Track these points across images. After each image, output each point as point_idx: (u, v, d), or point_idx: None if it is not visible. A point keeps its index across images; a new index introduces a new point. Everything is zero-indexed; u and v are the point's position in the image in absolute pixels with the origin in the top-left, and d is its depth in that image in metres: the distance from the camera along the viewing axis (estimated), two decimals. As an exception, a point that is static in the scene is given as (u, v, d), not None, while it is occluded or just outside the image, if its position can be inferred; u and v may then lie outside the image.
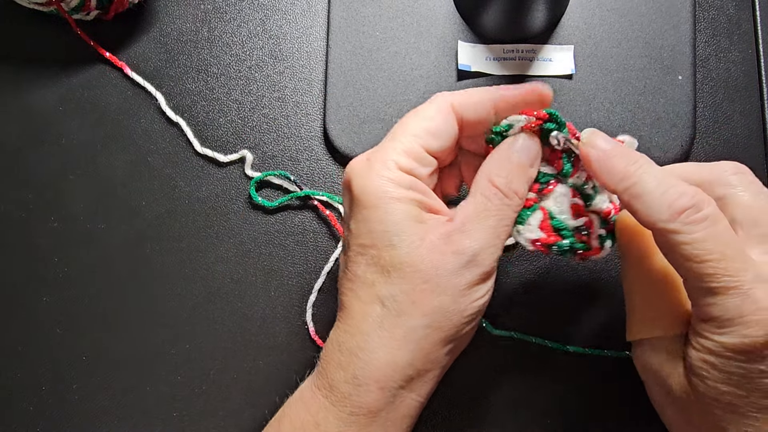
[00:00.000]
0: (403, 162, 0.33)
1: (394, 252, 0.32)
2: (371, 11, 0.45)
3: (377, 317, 0.32)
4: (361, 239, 0.33)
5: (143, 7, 0.46)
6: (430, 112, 0.34)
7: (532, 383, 0.42)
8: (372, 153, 0.34)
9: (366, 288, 0.32)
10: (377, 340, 0.32)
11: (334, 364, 0.33)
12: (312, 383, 0.34)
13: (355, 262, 0.33)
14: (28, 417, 0.42)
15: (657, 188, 0.31)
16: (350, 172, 0.33)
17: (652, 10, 0.45)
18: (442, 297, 0.32)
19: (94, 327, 0.43)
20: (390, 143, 0.33)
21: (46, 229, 0.44)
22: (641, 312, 0.34)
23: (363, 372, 0.32)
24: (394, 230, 0.32)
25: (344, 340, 0.33)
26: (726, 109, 0.45)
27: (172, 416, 0.42)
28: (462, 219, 0.33)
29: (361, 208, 0.33)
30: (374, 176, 0.32)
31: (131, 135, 0.45)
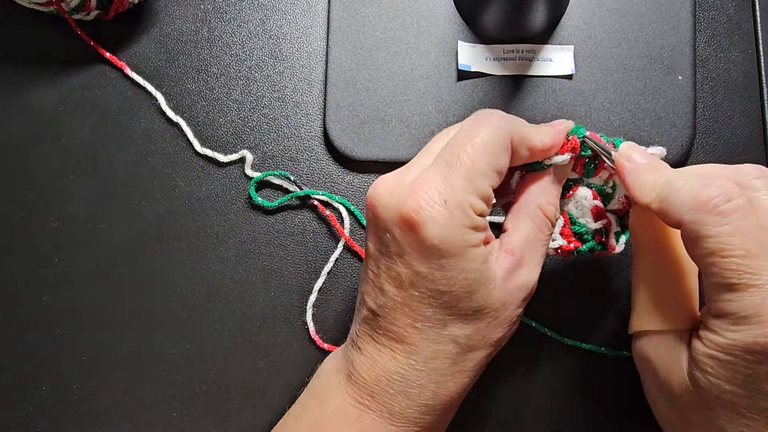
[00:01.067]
0: (478, 206, 0.32)
1: (472, 298, 0.33)
2: (371, 11, 0.45)
3: (451, 355, 0.33)
4: (436, 285, 0.32)
5: (143, 7, 0.46)
6: (495, 146, 0.33)
7: (524, 369, 0.42)
8: (443, 191, 0.32)
9: (438, 329, 0.33)
10: (450, 376, 0.34)
11: (394, 393, 0.33)
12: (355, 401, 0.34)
13: (425, 304, 0.33)
14: (28, 417, 0.42)
15: (684, 185, 0.31)
16: (419, 215, 0.31)
17: (652, 10, 0.45)
18: (505, 329, 0.34)
19: (94, 327, 0.43)
20: (463, 182, 0.32)
21: (46, 229, 0.44)
22: (647, 304, 0.35)
23: (433, 402, 0.34)
24: (474, 277, 0.32)
25: (411, 374, 0.33)
26: (726, 109, 0.45)
27: (172, 416, 0.42)
28: (521, 252, 0.34)
29: (439, 257, 0.32)
30: (455, 225, 0.31)
31: (131, 135, 0.45)
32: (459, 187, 0.32)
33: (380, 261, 0.34)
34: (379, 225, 0.33)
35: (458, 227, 0.32)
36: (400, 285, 0.33)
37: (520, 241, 0.34)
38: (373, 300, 0.34)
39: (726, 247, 0.29)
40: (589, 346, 0.42)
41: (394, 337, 0.33)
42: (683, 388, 0.32)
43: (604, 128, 0.44)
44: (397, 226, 0.32)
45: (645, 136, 0.43)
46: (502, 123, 0.33)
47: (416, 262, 0.32)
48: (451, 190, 0.32)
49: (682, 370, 0.32)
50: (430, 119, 0.44)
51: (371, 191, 0.34)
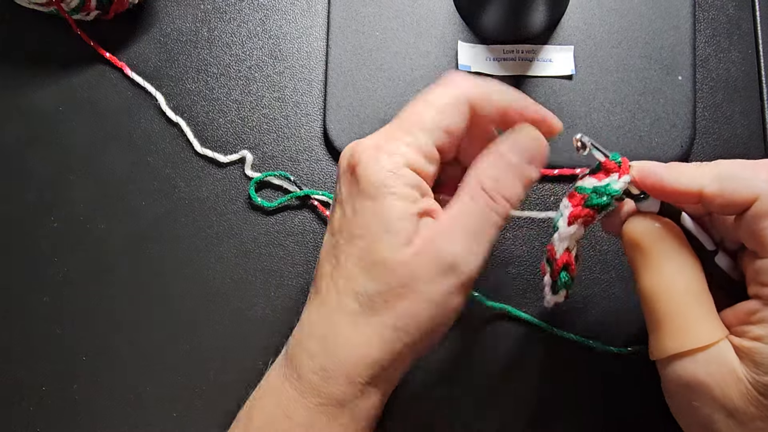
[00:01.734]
0: (412, 159, 0.32)
1: (379, 248, 0.31)
2: (371, 11, 0.45)
3: (351, 312, 0.32)
4: (354, 228, 0.32)
5: (143, 7, 0.46)
6: (446, 104, 0.32)
7: (517, 362, 0.42)
8: (381, 140, 0.32)
9: (345, 279, 0.32)
10: (349, 336, 0.32)
11: (304, 353, 0.32)
12: (281, 372, 0.33)
13: (343, 249, 0.32)
14: (28, 417, 0.42)
15: (742, 165, 0.30)
16: (357, 156, 0.32)
17: (652, 10, 0.45)
18: (415, 304, 0.31)
19: (94, 327, 0.43)
20: (401, 134, 0.32)
21: (46, 229, 0.44)
22: (678, 321, 0.31)
23: (332, 364, 0.32)
24: (386, 227, 0.31)
25: (316, 323, 0.32)
26: (726, 109, 0.45)
27: (172, 416, 0.42)
28: (445, 223, 0.32)
29: (362, 198, 0.32)
30: (381, 168, 0.31)
31: (131, 135, 0.45)
32: (394, 136, 0.32)
33: (331, 213, 0.34)
34: (337, 177, 0.34)
35: (384, 171, 0.31)
36: (333, 231, 0.33)
37: (448, 212, 0.32)
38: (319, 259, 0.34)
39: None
40: (578, 337, 0.41)
41: (316, 288, 0.33)
42: (749, 400, 0.29)
43: (604, 128, 0.44)
44: (343, 172, 0.33)
45: (645, 136, 0.43)
46: (461, 82, 0.33)
47: (347, 204, 0.32)
48: (387, 137, 0.32)
49: (740, 381, 0.29)
50: (430, 119, 0.44)
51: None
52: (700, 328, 0.31)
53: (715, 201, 0.31)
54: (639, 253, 0.33)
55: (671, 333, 0.31)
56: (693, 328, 0.31)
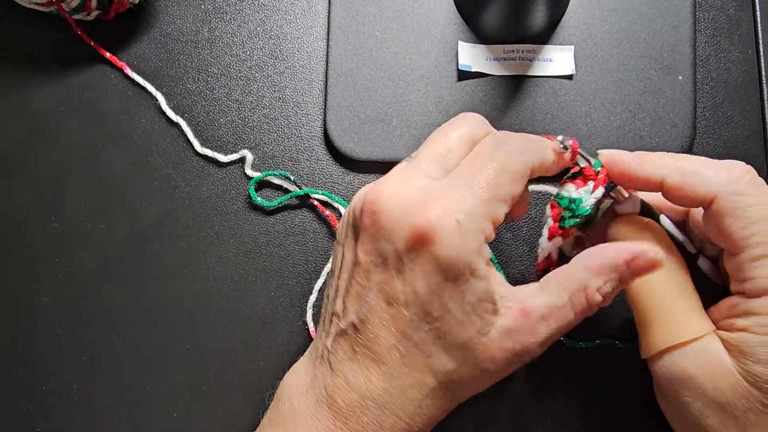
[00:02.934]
0: (489, 231, 0.30)
1: (461, 332, 0.30)
2: (371, 11, 0.45)
3: (428, 388, 0.31)
4: (430, 308, 0.30)
5: (143, 7, 0.46)
6: (518, 175, 0.31)
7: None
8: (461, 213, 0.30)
9: (421, 357, 0.31)
10: (424, 409, 0.32)
11: (368, 420, 0.31)
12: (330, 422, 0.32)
13: (413, 326, 0.30)
14: (28, 417, 0.42)
15: (705, 163, 0.31)
16: (432, 229, 0.29)
17: (652, 10, 0.45)
18: (486, 383, 0.32)
19: (94, 327, 0.43)
20: (480, 206, 0.30)
21: (46, 229, 0.44)
22: (666, 317, 0.32)
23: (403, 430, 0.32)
24: (469, 310, 0.30)
25: (387, 402, 0.31)
26: (726, 109, 0.45)
27: (172, 416, 0.42)
28: (537, 320, 0.31)
29: (441, 278, 0.30)
30: (466, 250, 0.29)
31: (131, 135, 0.45)
32: (476, 210, 0.30)
33: (372, 273, 0.31)
34: (381, 235, 0.31)
35: (470, 253, 0.29)
36: (392, 302, 0.31)
37: (543, 309, 0.31)
38: (356, 314, 0.31)
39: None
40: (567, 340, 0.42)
41: (373, 357, 0.31)
42: (739, 392, 0.30)
43: (604, 128, 0.44)
44: (404, 240, 0.30)
45: (645, 136, 0.43)
46: (525, 148, 0.32)
47: (417, 281, 0.30)
48: (468, 212, 0.30)
49: (731, 373, 0.30)
50: (431, 119, 0.44)
51: (373, 197, 0.31)
52: (687, 322, 0.32)
53: (675, 192, 0.32)
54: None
55: (660, 328, 0.32)
56: (681, 322, 0.32)
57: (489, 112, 0.44)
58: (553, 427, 0.41)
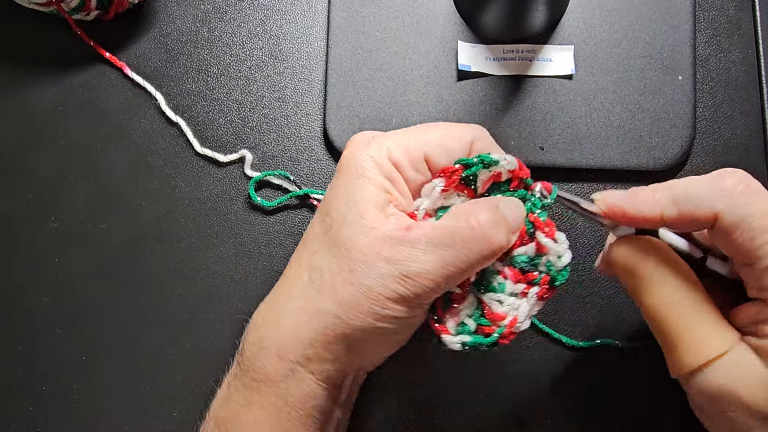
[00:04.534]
0: (396, 154, 0.33)
1: (342, 227, 0.32)
2: (371, 11, 0.45)
3: (302, 287, 0.32)
4: (326, 204, 0.33)
5: (143, 7, 0.46)
6: (454, 132, 0.34)
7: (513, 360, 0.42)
8: (379, 134, 0.34)
9: (308, 253, 0.33)
10: (293, 309, 0.32)
11: (251, 326, 0.34)
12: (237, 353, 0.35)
13: (313, 224, 0.34)
14: (28, 417, 0.42)
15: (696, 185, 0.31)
16: (349, 141, 0.34)
17: (652, 10, 0.45)
18: (358, 295, 0.30)
19: (94, 327, 0.43)
20: (398, 135, 0.34)
21: (46, 229, 0.44)
22: (686, 338, 0.31)
23: (268, 336, 0.32)
24: (353, 208, 0.32)
25: (270, 303, 0.34)
26: (726, 109, 0.45)
27: (172, 416, 0.42)
28: (419, 234, 0.31)
29: (339, 176, 0.33)
30: (362, 151, 0.33)
31: (131, 135, 0.45)
32: (390, 134, 0.34)
33: None
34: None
35: (363, 154, 0.33)
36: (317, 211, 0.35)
37: (428, 228, 0.31)
38: None
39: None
40: (567, 339, 0.42)
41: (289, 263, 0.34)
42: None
43: (604, 128, 0.44)
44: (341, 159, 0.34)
45: (645, 136, 0.43)
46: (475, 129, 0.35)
47: (329, 186, 0.34)
48: (384, 133, 0.34)
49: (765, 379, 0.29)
50: (430, 119, 0.44)
51: None
52: (713, 337, 0.30)
53: (677, 225, 0.31)
54: (632, 277, 0.32)
55: (687, 348, 0.31)
56: (706, 339, 0.30)
57: (488, 112, 0.44)
58: (553, 426, 0.41)
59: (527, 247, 0.33)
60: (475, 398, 0.40)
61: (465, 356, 0.42)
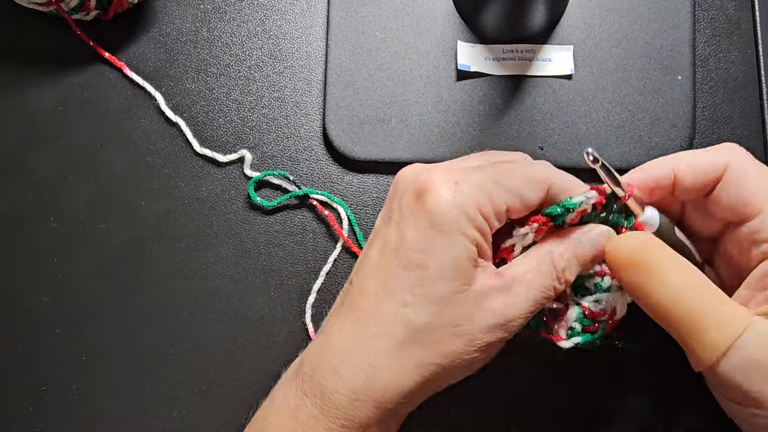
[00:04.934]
0: (485, 207, 0.31)
1: (441, 284, 0.31)
2: (371, 11, 0.45)
3: (397, 340, 0.31)
4: (414, 254, 0.31)
5: (143, 7, 0.46)
6: (531, 177, 0.32)
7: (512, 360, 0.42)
8: (459, 177, 0.32)
9: (396, 305, 0.31)
10: (389, 362, 0.31)
11: (329, 369, 0.32)
12: (298, 387, 0.33)
13: (395, 273, 0.32)
14: (28, 417, 0.42)
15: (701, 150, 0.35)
16: (430, 183, 0.32)
17: (652, 10, 0.45)
18: (463, 346, 0.32)
19: (94, 327, 0.43)
20: (481, 180, 0.32)
21: (46, 229, 0.44)
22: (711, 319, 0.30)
23: (364, 388, 0.31)
24: (451, 264, 0.31)
25: (352, 348, 0.32)
26: (726, 109, 0.45)
27: (172, 416, 0.42)
28: (510, 280, 0.32)
29: (429, 226, 0.31)
30: (455, 203, 0.31)
31: (131, 135, 0.45)
32: (475, 181, 0.32)
33: (379, 231, 0.34)
34: (394, 195, 0.34)
35: (457, 207, 0.31)
36: (384, 250, 0.33)
37: (514, 272, 0.33)
38: (355, 270, 0.34)
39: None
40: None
41: (353, 306, 0.32)
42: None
43: (603, 128, 0.44)
44: (407, 193, 0.33)
45: (645, 136, 0.43)
46: (548, 169, 0.34)
47: (407, 227, 0.32)
48: (467, 180, 0.32)
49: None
50: (430, 119, 0.44)
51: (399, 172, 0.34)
52: (735, 313, 0.30)
53: (688, 178, 0.34)
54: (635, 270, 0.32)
55: (715, 329, 0.30)
56: (730, 316, 0.30)
57: (488, 112, 0.44)
58: (553, 426, 0.41)
59: None
60: (474, 398, 0.40)
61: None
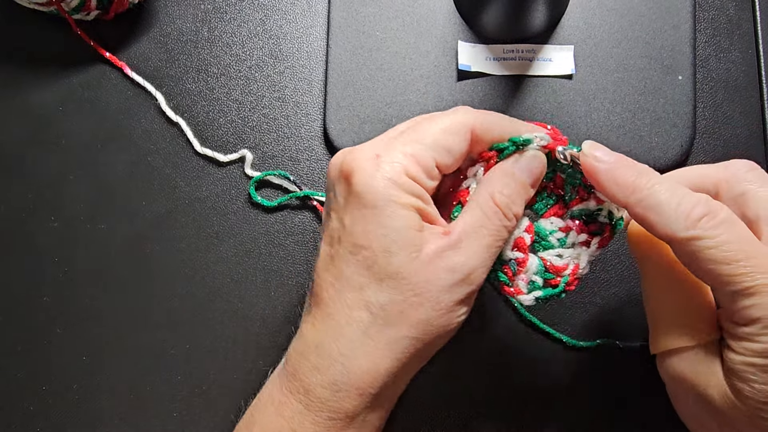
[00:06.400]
0: (412, 169, 0.32)
1: (390, 259, 0.31)
2: (371, 11, 0.45)
3: (363, 324, 0.31)
4: (355, 238, 0.31)
5: (143, 7, 0.46)
6: (450, 126, 0.32)
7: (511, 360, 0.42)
8: (380, 149, 0.32)
9: (353, 291, 0.32)
10: (360, 348, 0.31)
11: (309, 366, 0.32)
12: (282, 386, 0.33)
13: (345, 260, 0.32)
14: (28, 417, 0.42)
15: (671, 199, 0.30)
16: (352, 164, 0.32)
17: (652, 10, 0.45)
18: (429, 312, 0.31)
19: (94, 327, 0.43)
20: (401, 145, 0.32)
21: (46, 229, 0.44)
22: (667, 322, 0.33)
23: (343, 378, 0.31)
24: (394, 237, 0.31)
25: (324, 342, 0.32)
26: (726, 109, 0.45)
27: (172, 416, 0.42)
28: (459, 234, 0.32)
29: (361, 207, 0.31)
30: (380, 177, 0.31)
31: (131, 135, 0.45)
32: (393, 147, 0.32)
33: (325, 224, 0.34)
34: (329, 185, 0.33)
35: (384, 180, 0.31)
36: (330, 241, 0.33)
37: (461, 225, 0.32)
38: (314, 269, 0.34)
39: (729, 254, 0.29)
40: (567, 338, 0.42)
41: (317, 300, 0.33)
42: (726, 402, 0.30)
43: (604, 128, 0.44)
44: (337, 180, 0.32)
45: (645, 136, 0.43)
46: (467, 113, 0.33)
47: (343, 213, 0.32)
48: (387, 148, 0.32)
49: (720, 384, 0.30)
50: (430, 119, 0.44)
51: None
52: (693, 327, 0.32)
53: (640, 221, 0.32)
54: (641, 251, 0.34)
55: (666, 329, 0.33)
56: (686, 327, 0.32)
57: (489, 112, 0.44)
58: (554, 426, 0.41)
59: (587, 203, 0.35)
60: (473, 398, 0.40)
61: (464, 355, 0.42)
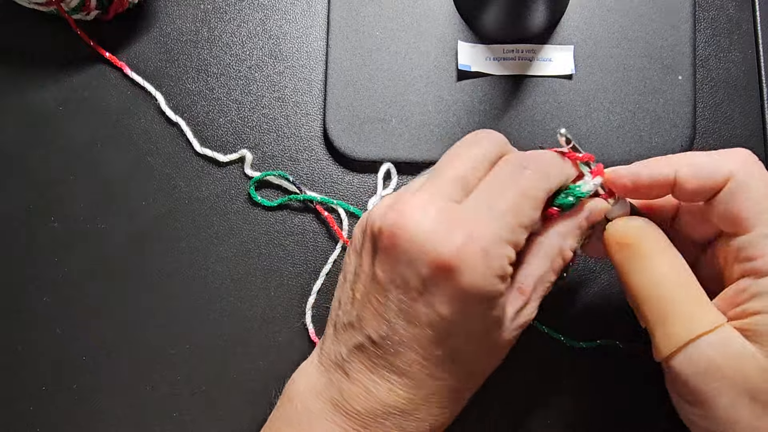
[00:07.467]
0: (512, 257, 0.31)
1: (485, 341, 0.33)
2: (371, 11, 0.45)
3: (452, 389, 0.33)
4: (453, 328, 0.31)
5: (143, 7, 0.46)
6: (539, 201, 0.32)
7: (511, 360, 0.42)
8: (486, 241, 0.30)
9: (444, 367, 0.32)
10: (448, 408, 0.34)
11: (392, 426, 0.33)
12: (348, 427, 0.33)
13: (436, 343, 0.32)
14: (28, 417, 0.42)
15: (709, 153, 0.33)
16: (463, 265, 0.30)
17: (652, 10, 0.45)
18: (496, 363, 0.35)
19: (94, 327, 0.43)
20: (502, 229, 0.31)
21: (46, 229, 0.44)
22: (678, 312, 0.31)
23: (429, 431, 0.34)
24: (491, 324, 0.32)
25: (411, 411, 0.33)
26: (726, 109, 0.45)
27: (172, 416, 0.42)
28: (530, 291, 0.33)
29: (467, 304, 0.30)
30: (491, 275, 0.30)
31: (131, 135, 0.45)
32: (500, 238, 0.31)
33: (391, 292, 0.31)
34: (402, 259, 0.31)
35: (492, 277, 0.30)
36: (413, 322, 0.31)
37: (534, 280, 0.33)
38: (375, 330, 0.32)
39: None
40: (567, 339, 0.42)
41: (395, 370, 0.32)
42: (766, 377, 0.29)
43: (604, 128, 0.44)
44: (429, 267, 0.30)
45: (645, 136, 0.43)
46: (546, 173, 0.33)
47: (440, 305, 0.30)
48: (492, 240, 0.30)
49: (755, 358, 0.29)
50: (430, 119, 0.44)
51: (393, 219, 0.31)
52: (705, 312, 0.31)
53: (689, 184, 0.32)
54: (627, 251, 0.33)
55: (679, 321, 0.31)
56: (699, 313, 0.31)
57: (488, 111, 0.44)
58: (553, 426, 0.41)
59: None
60: (472, 398, 0.40)
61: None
